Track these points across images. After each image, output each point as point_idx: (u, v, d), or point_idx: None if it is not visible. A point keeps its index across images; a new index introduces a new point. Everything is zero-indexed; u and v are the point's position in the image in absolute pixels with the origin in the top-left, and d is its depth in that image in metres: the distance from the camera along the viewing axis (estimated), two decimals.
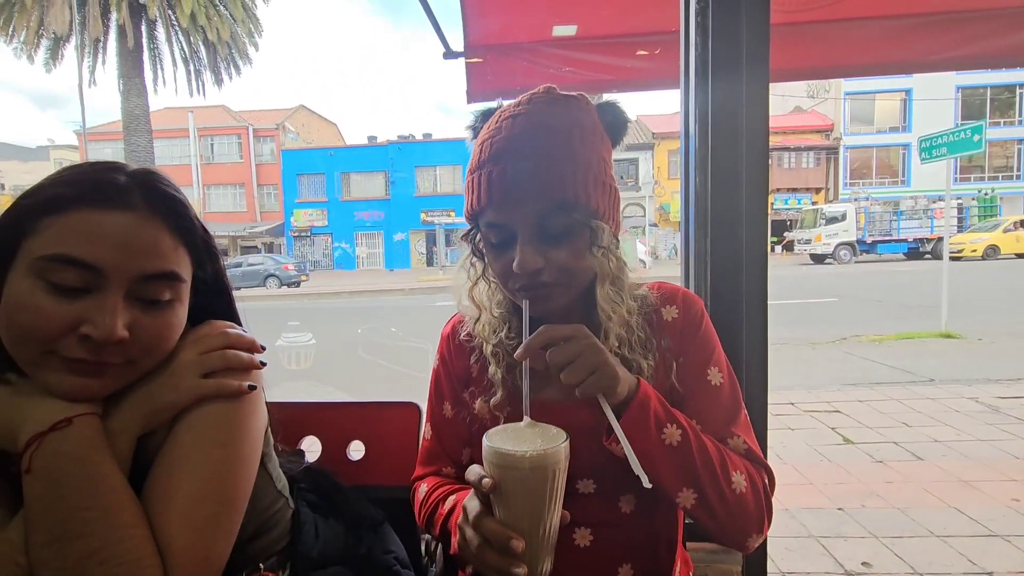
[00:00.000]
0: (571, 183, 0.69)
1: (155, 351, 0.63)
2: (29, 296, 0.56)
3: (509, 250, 0.72)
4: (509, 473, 0.59)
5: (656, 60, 2.32)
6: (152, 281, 0.61)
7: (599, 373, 0.66)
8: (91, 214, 0.58)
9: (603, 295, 0.75)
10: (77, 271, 0.57)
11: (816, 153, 26.80)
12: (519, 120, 0.72)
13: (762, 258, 1.07)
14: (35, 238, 0.57)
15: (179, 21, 15.70)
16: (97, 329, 0.56)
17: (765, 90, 1.06)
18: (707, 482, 0.70)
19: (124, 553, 0.55)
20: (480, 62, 2.40)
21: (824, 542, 2.25)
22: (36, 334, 0.56)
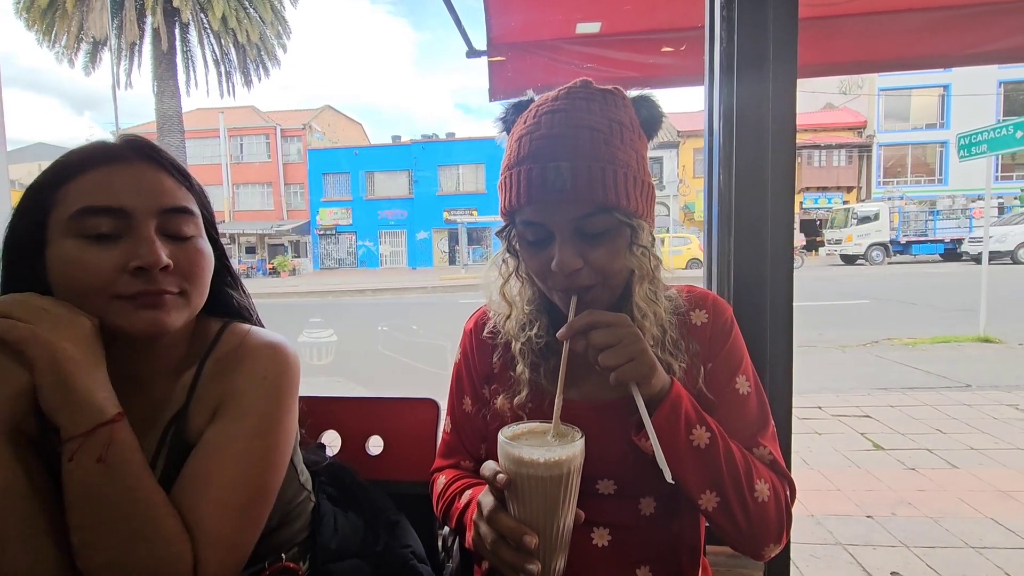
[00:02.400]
0: (612, 185, 0.68)
1: (198, 280, 0.68)
2: (75, 253, 0.61)
3: (546, 248, 0.71)
4: (523, 472, 0.60)
5: (681, 56, 2.28)
6: (172, 215, 0.66)
7: (637, 360, 0.66)
8: (99, 171, 0.63)
9: (641, 294, 0.75)
10: (107, 218, 0.61)
11: (848, 151, 26.02)
12: (559, 117, 0.70)
13: (788, 259, 1.05)
14: (57, 208, 0.62)
15: (210, 24, 16.11)
16: (143, 258, 0.61)
17: (792, 86, 1.03)
18: (730, 487, 0.70)
19: (164, 530, 0.59)
20: (502, 60, 2.40)
21: (852, 550, 2.19)
22: (94, 281, 0.60)
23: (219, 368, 0.71)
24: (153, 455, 0.66)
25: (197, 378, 0.71)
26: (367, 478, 0.99)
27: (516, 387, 0.80)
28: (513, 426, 0.67)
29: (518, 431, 0.66)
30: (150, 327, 0.63)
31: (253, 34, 16.65)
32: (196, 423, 0.68)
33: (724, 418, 0.76)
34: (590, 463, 0.76)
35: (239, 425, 0.67)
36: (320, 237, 30.19)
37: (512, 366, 0.82)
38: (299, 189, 30.88)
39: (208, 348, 0.73)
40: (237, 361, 0.71)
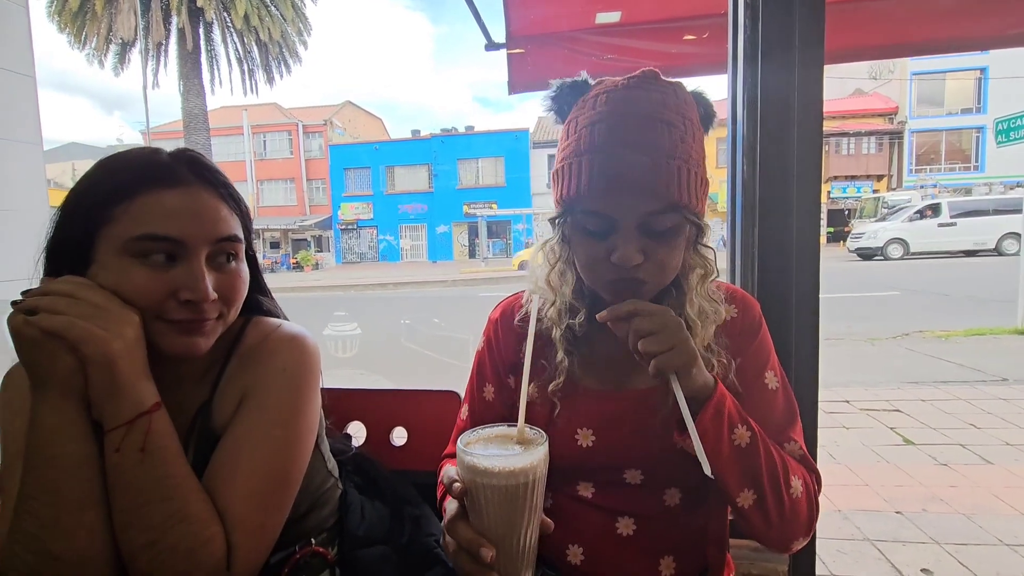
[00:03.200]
0: (685, 183, 0.67)
1: (236, 303, 0.71)
2: (126, 273, 0.63)
3: (604, 239, 0.70)
4: (479, 482, 0.57)
5: (704, 44, 2.24)
6: (221, 244, 0.68)
7: (678, 350, 0.65)
8: (157, 194, 0.64)
9: (703, 293, 0.75)
10: (164, 245, 0.64)
11: (878, 138, 25.21)
12: (633, 107, 0.68)
13: (814, 250, 1.03)
14: (112, 226, 0.63)
15: (233, 23, 16.37)
16: (194, 293, 0.64)
17: (819, 73, 1.01)
18: (768, 485, 0.70)
19: (198, 512, 0.62)
20: (522, 53, 2.39)
21: (880, 546, 2.15)
22: (142, 303, 0.63)
23: (242, 362, 0.74)
24: (182, 446, 0.69)
25: (222, 372, 0.74)
26: (391, 468, 1.01)
27: (551, 374, 0.80)
28: (479, 429, 0.65)
29: (483, 435, 0.64)
30: (186, 351, 0.66)
31: (275, 32, 16.87)
32: (222, 414, 0.71)
33: (752, 413, 0.75)
34: (619, 453, 0.77)
35: (262, 415, 0.70)
36: (342, 232, 30.57)
37: (544, 355, 0.82)
38: (321, 184, 31.28)
39: (232, 343, 0.75)
40: (259, 354, 0.74)
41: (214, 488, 0.65)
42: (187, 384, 0.73)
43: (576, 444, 0.78)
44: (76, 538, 0.58)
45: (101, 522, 0.60)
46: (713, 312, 0.76)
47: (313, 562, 0.80)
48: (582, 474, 0.81)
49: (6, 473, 0.66)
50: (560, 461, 0.80)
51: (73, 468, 0.59)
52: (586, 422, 0.79)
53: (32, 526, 0.58)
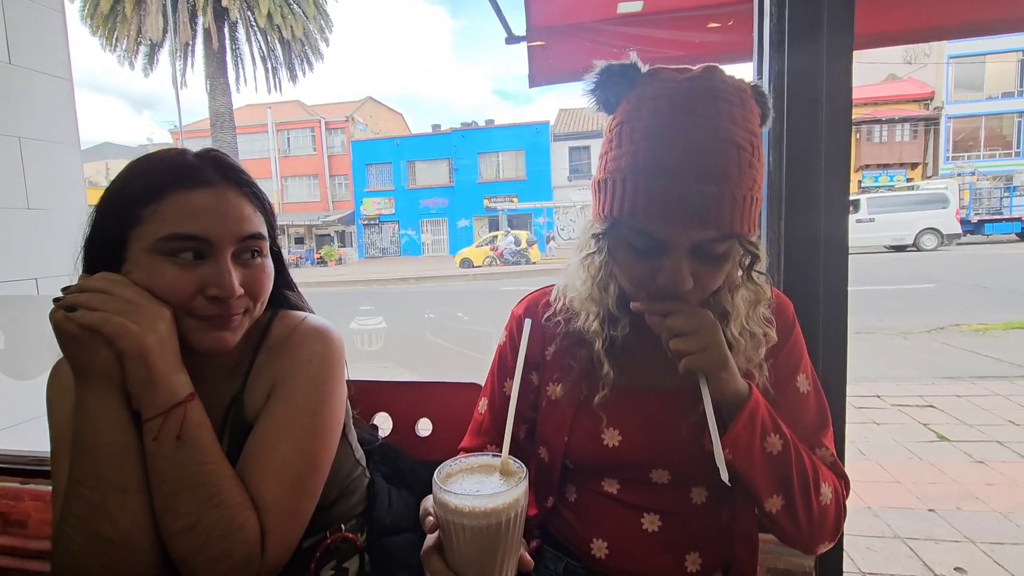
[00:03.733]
0: (748, 214, 0.63)
1: (261, 298, 0.74)
2: (157, 271, 0.65)
3: (652, 259, 0.67)
4: (451, 520, 0.54)
5: (729, 32, 2.19)
6: (246, 242, 0.70)
7: (710, 351, 0.65)
8: (184, 195, 0.66)
9: (756, 317, 0.73)
10: (192, 244, 0.66)
11: (913, 125, 24.30)
12: (697, 122, 0.61)
13: (842, 242, 1.00)
14: (142, 226, 0.66)
15: (257, 21, 16.62)
16: (221, 289, 0.66)
17: (848, 59, 0.98)
18: (798, 492, 0.69)
19: (232, 498, 0.64)
20: (542, 45, 2.37)
21: (912, 544, 2.10)
22: (172, 299, 0.66)
23: (270, 354, 0.77)
24: (216, 436, 0.72)
25: (251, 364, 0.76)
26: (417, 458, 1.03)
27: (577, 375, 0.80)
28: (462, 459, 0.62)
29: (465, 465, 0.61)
30: (215, 346, 0.69)
31: (297, 29, 17.08)
32: (252, 405, 0.74)
33: (784, 416, 0.74)
34: (645, 453, 0.77)
35: (290, 405, 0.72)
36: (364, 227, 30.91)
37: (572, 354, 0.81)
38: (343, 180, 31.65)
39: (260, 337, 0.78)
40: (286, 347, 0.76)
41: (247, 475, 0.68)
42: (219, 377, 0.76)
43: (602, 444, 0.78)
44: (120, 520, 0.61)
45: (143, 506, 0.63)
46: (764, 334, 0.74)
47: (343, 547, 0.83)
48: (607, 472, 0.81)
49: (55, 460, 0.69)
50: (585, 459, 0.80)
51: (115, 455, 0.62)
52: (612, 422, 0.78)
53: (80, 509, 0.61)
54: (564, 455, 0.81)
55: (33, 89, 2.30)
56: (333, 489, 0.80)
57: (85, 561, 0.61)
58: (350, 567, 0.84)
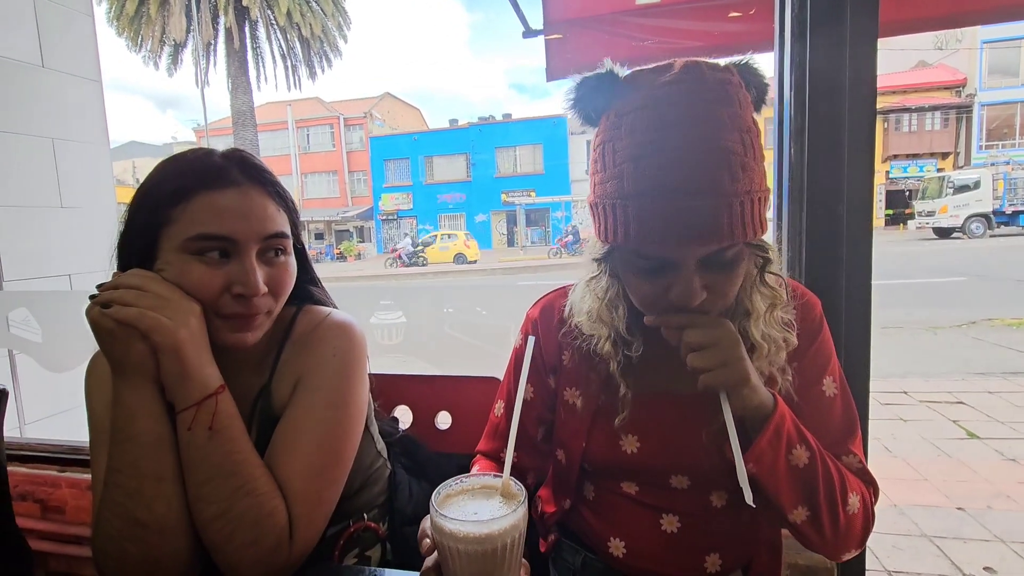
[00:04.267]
0: (750, 218, 0.59)
1: (284, 296, 0.76)
2: (186, 269, 0.68)
3: (660, 277, 0.64)
4: (449, 545, 0.53)
5: (750, 21, 2.15)
6: (270, 240, 0.72)
7: (730, 367, 0.61)
8: (211, 195, 0.68)
9: (773, 321, 0.70)
10: (218, 243, 0.68)
11: (943, 113, 23.51)
12: (687, 133, 0.58)
13: (866, 235, 0.98)
14: (172, 226, 0.68)
15: (277, 20, 16.83)
16: (246, 288, 0.68)
17: (873, 46, 0.96)
18: (824, 503, 0.67)
19: (261, 486, 0.67)
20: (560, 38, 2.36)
21: (939, 543, 2.06)
22: (199, 297, 0.68)
23: (296, 348, 0.79)
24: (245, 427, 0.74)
25: (277, 358, 0.79)
26: (436, 450, 1.05)
27: (597, 386, 0.78)
28: (463, 478, 0.60)
29: (466, 485, 0.60)
30: (238, 344, 0.71)
31: (316, 27, 17.26)
32: (279, 398, 0.76)
33: (809, 421, 0.71)
34: (664, 459, 0.75)
35: (315, 397, 0.75)
36: (383, 222, 31.15)
37: (592, 364, 0.79)
38: (362, 176, 31.92)
39: (285, 331, 0.80)
40: (311, 341, 0.78)
41: (275, 465, 0.70)
42: (246, 371, 0.78)
43: (620, 450, 0.77)
44: (156, 507, 0.64)
45: (177, 494, 0.66)
46: (784, 339, 0.71)
47: (365, 536, 0.85)
48: (626, 476, 0.80)
49: (94, 449, 0.72)
50: (603, 464, 0.79)
51: (151, 444, 0.65)
52: (631, 428, 0.76)
53: (118, 495, 0.64)
54: (582, 459, 0.80)
55: (65, 92, 2.37)
56: (356, 479, 0.82)
57: (123, 545, 0.64)
58: (372, 555, 0.86)
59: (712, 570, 0.77)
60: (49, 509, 1.52)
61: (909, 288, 8.04)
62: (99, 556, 0.66)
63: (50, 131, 2.29)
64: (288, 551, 0.67)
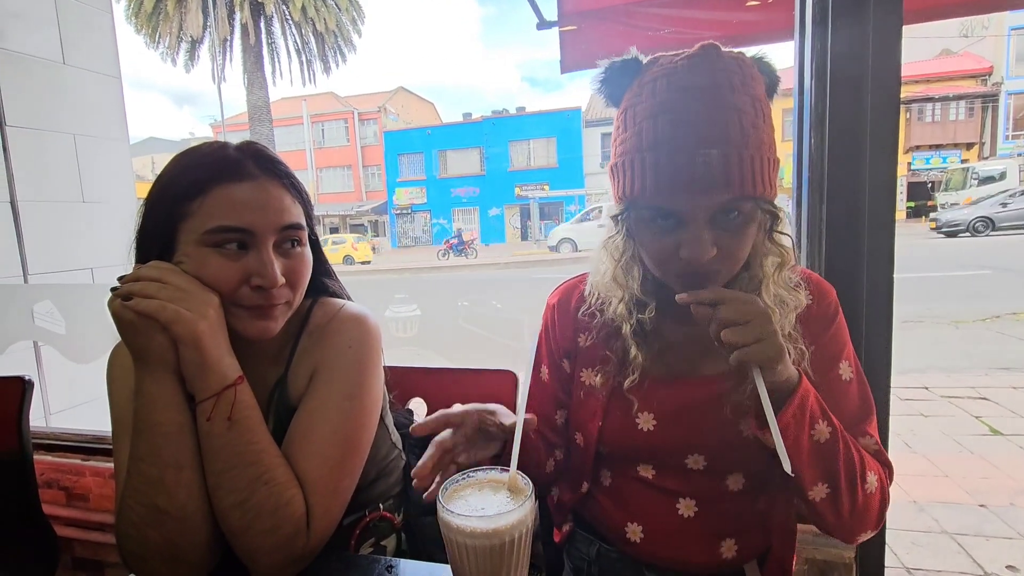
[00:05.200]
0: (758, 172, 0.63)
1: (301, 287, 0.76)
2: (205, 262, 0.68)
3: (672, 234, 0.67)
4: (454, 538, 0.53)
5: (769, 10, 2.11)
6: (286, 232, 0.72)
7: (765, 343, 0.62)
8: (227, 188, 0.69)
9: (781, 282, 0.71)
10: (236, 235, 0.69)
11: (968, 102, 22.85)
12: (700, 95, 0.63)
13: (888, 228, 0.96)
14: (190, 220, 0.69)
15: (292, 15, 16.92)
16: (264, 279, 0.69)
17: (897, 34, 0.93)
18: (844, 480, 0.68)
19: (279, 476, 0.68)
20: (574, 30, 2.34)
21: (961, 540, 2.03)
22: (218, 290, 0.69)
23: (312, 340, 0.80)
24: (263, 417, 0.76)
25: (294, 350, 0.80)
26: None
27: (623, 369, 0.79)
28: (471, 473, 0.60)
29: (473, 480, 0.59)
30: (259, 334, 0.72)
31: (330, 21, 17.32)
32: (296, 388, 0.77)
33: (827, 404, 0.72)
34: (680, 438, 0.77)
35: (331, 388, 0.75)
36: (397, 216, 31.30)
37: (609, 346, 0.81)
38: (376, 170, 32.06)
39: (301, 323, 0.81)
40: (326, 333, 0.79)
41: (292, 455, 0.71)
42: (264, 361, 0.79)
43: (637, 428, 0.78)
44: (177, 495, 0.65)
45: (197, 482, 0.67)
46: (793, 300, 0.72)
47: (381, 526, 0.86)
48: (642, 457, 0.81)
49: (117, 438, 0.74)
50: (619, 445, 0.80)
51: (172, 434, 0.66)
52: (647, 407, 0.78)
53: (140, 483, 0.66)
54: (599, 441, 0.81)
55: (85, 88, 2.41)
56: (372, 470, 0.83)
57: (145, 531, 0.66)
58: (388, 545, 0.87)
59: (728, 556, 0.77)
60: (74, 496, 1.56)
61: (930, 281, 7.87)
62: (122, 541, 0.68)
63: (72, 127, 2.34)
64: (305, 540, 0.68)
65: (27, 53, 2.17)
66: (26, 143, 2.16)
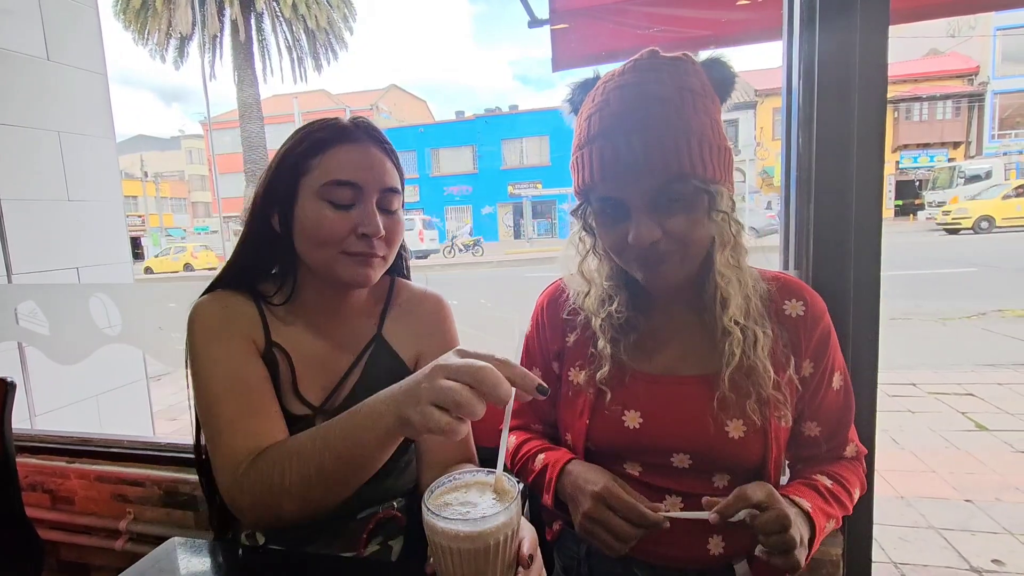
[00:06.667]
0: (686, 153, 0.67)
1: (396, 246, 0.84)
2: (321, 213, 0.76)
3: (623, 223, 0.72)
4: (440, 542, 0.52)
5: (759, 9, 2.11)
6: (388, 193, 0.80)
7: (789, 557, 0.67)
8: (342, 149, 0.78)
9: (723, 261, 0.74)
10: (348, 190, 0.77)
11: (955, 102, 23.12)
12: (627, 91, 0.70)
13: (875, 227, 0.97)
14: (310, 175, 0.77)
15: (282, 12, 16.77)
16: (369, 227, 0.77)
17: (883, 34, 0.93)
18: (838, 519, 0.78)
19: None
20: (566, 28, 2.33)
21: (947, 535, 2.05)
22: (331, 238, 0.76)
23: (399, 312, 0.91)
24: (347, 371, 0.84)
25: (383, 316, 0.90)
26: None
27: (598, 363, 0.81)
28: (456, 475, 0.58)
29: (459, 483, 0.58)
30: (361, 280, 0.79)
31: (322, 19, 17.18)
32: (387, 348, 0.88)
33: (817, 411, 0.80)
34: (666, 437, 0.78)
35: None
36: None
37: (592, 343, 0.82)
38: None
39: (388, 295, 0.92)
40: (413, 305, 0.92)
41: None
42: (359, 315, 0.88)
43: (623, 425, 0.79)
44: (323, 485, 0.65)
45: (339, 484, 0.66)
46: (737, 279, 0.74)
47: (389, 525, 0.86)
48: (629, 455, 0.81)
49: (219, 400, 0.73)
50: (606, 441, 0.81)
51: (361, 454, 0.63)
52: (634, 404, 0.79)
53: (313, 456, 0.64)
54: (586, 438, 0.82)
55: (71, 85, 2.37)
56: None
57: (287, 481, 0.65)
58: (395, 545, 0.87)
59: (715, 552, 0.78)
60: (59, 499, 1.54)
61: (918, 279, 7.96)
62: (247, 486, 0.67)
63: (56, 124, 2.30)
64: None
65: (10, 49, 2.13)
66: (9, 140, 2.12)
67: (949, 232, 15.27)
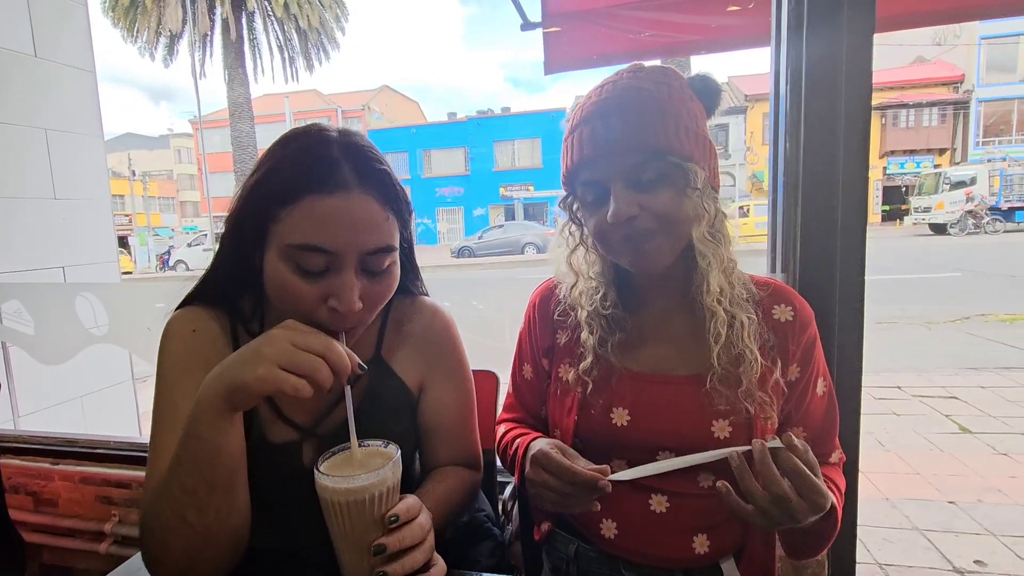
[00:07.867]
0: (661, 130, 0.70)
1: (377, 308, 0.72)
2: (285, 278, 0.65)
3: (604, 205, 0.73)
4: (321, 497, 0.59)
5: (750, 15, 2.14)
6: (374, 255, 0.67)
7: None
8: (319, 201, 0.63)
9: (699, 236, 0.74)
10: (319, 256, 0.64)
11: (941, 109, 23.48)
12: (607, 87, 0.75)
13: (860, 231, 0.98)
14: (278, 225, 0.65)
15: (274, 11, 16.69)
16: (341, 304, 0.65)
17: (869, 41, 0.95)
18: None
19: None
20: (558, 31, 2.34)
21: (931, 536, 2.08)
22: (297, 307, 0.65)
23: (395, 325, 0.85)
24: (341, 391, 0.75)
25: (382, 331, 0.84)
26: None
27: (583, 354, 0.82)
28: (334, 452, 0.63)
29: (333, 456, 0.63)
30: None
31: (314, 18, 17.11)
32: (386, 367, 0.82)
33: (803, 417, 0.81)
34: (652, 434, 0.78)
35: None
36: None
37: (583, 341, 0.82)
38: None
39: (384, 314, 0.85)
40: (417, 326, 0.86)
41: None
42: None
43: (611, 422, 0.80)
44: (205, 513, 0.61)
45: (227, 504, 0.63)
46: (713, 255, 0.74)
47: None
48: (616, 452, 0.82)
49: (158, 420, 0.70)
50: (594, 438, 0.81)
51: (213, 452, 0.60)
52: (622, 401, 0.80)
53: (176, 490, 0.61)
54: (575, 435, 0.82)
55: (58, 82, 2.35)
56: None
57: (168, 537, 0.62)
58: None
59: (701, 551, 0.78)
60: (42, 502, 1.52)
61: (904, 283, 8.07)
62: (145, 538, 0.64)
63: (43, 122, 2.28)
64: None
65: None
66: None
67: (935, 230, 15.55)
